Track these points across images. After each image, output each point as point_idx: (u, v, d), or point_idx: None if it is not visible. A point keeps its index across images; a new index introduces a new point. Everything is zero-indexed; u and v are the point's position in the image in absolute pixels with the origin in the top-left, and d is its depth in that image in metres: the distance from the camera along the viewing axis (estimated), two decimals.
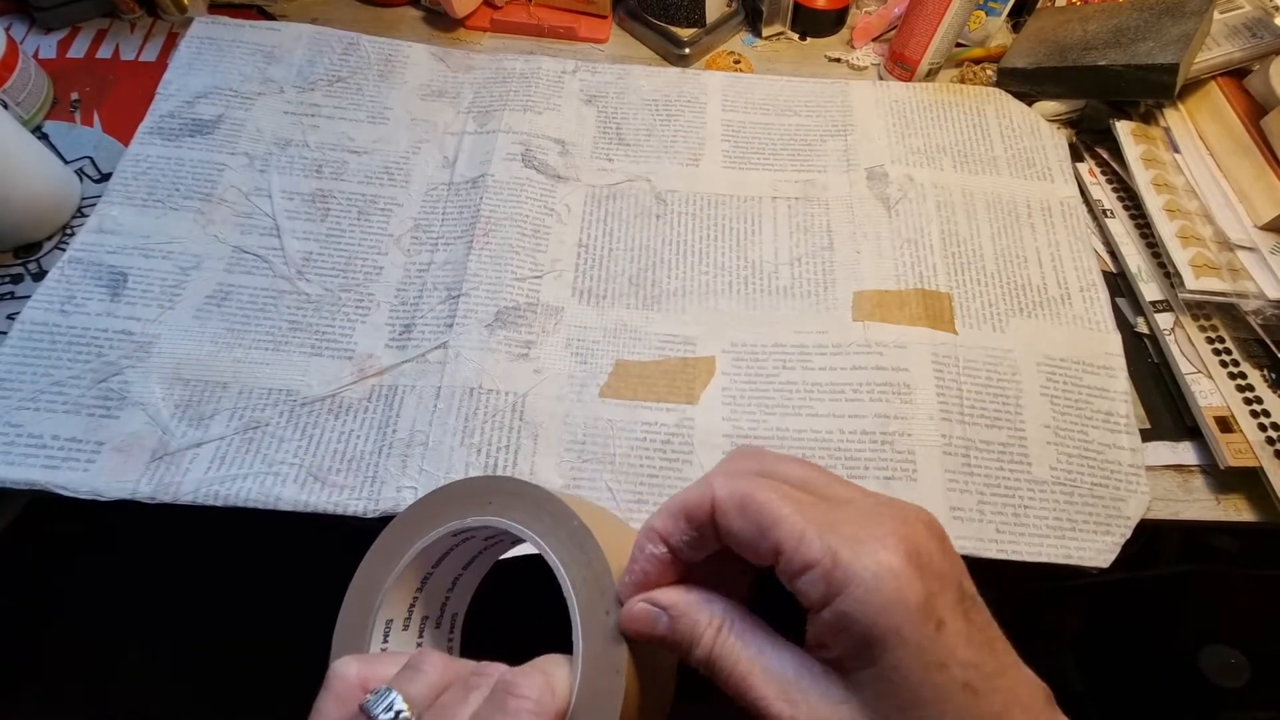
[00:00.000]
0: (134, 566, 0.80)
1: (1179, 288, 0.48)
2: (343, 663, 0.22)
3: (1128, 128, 0.55)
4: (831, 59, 0.64)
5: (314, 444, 0.43)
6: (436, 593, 0.28)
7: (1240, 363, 0.47)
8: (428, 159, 0.55)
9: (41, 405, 0.43)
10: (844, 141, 0.57)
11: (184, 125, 0.54)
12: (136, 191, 0.51)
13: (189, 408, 0.44)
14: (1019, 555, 0.42)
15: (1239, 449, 0.44)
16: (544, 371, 0.46)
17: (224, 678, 0.78)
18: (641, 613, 0.21)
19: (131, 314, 0.46)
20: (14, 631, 0.77)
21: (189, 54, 0.57)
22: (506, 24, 0.63)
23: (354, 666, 0.22)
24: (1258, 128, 0.51)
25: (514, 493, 0.25)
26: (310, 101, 0.56)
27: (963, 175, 0.56)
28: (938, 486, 0.43)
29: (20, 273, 0.48)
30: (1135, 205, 0.53)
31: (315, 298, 0.48)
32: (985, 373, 0.47)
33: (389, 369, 0.46)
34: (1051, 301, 0.50)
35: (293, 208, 0.52)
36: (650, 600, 0.21)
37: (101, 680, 0.78)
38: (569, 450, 0.44)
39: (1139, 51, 0.53)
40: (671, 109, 0.58)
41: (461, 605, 0.30)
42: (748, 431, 0.45)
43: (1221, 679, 0.70)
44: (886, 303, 0.49)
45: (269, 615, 0.78)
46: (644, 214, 0.53)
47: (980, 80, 0.61)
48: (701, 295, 0.50)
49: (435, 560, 0.27)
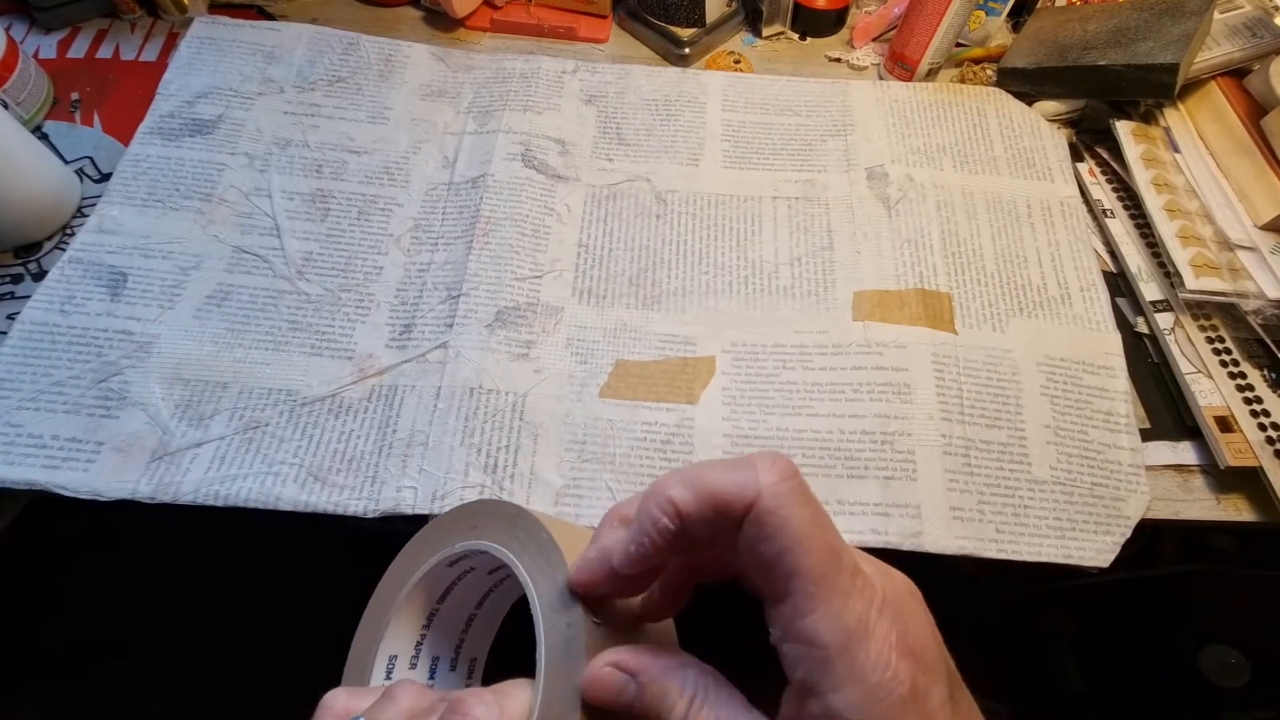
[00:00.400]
0: (134, 566, 0.80)
1: (1179, 287, 0.48)
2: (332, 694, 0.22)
3: (1128, 128, 0.55)
4: (831, 59, 0.64)
5: (314, 444, 0.43)
6: (449, 632, 0.28)
7: (1240, 363, 0.47)
8: (428, 159, 0.55)
9: (41, 405, 0.43)
10: (844, 141, 0.57)
11: (184, 125, 0.54)
12: (136, 191, 0.51)
13: (189, 408, 0.44)
14: (1019, 555, 0.42)
15: (1239, 449, 0.44)
16: (544, 371, 0.46)
17: (224, 678, 0.78)
18: (608, 678, 0.19)
19: (131, 314, 0.46)
20: (14, 631, 0.77)
21: (189, 54, 0.57)
22: (506, 24, 0.63)
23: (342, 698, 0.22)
24: (1258, 128, 0.51)
25: (491, 513, 0.25)
26: (310, 101, 0.56)
27: (963, 175, 0.56)
28: (938, 486, 0.43)
29: (20, 273, 0.48)
30: (1135, 205, 0.53)
31: (315, 298, 0.48)
32: (985, 373, 0.47)
33: (389, 369, 0.46)
34: (1051, 301, 0.50)
35: (293, 208, 0.52)
36: (617, 664, 0.19)
37: (101, 680, 0.78)
38: (569, 450, 0.44)
39: (1139, 51, 0.53)
40: (671, 109, 0.58)
41: (481, 649, 0.29)
42: (748, 431, 0.45)
43: (1221, 679, 0.71)
44: (886, 303, 0.49)
45: (269, 615, 0.78)
46: (644, 214, 0.53)
47: (980, 80, 0.61)
48: (701, 295, 0.50)
49: (439, 595, 0.27)
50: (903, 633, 0.17)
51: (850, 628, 0.17)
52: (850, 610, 0.17)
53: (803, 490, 0.18)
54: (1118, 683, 0.78)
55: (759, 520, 0.18)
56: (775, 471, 0.18)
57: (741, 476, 0.18)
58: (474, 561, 0.26)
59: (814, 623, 0.17)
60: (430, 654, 0.27)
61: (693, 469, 0.19)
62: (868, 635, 0.17)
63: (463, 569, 0.26)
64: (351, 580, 0.36)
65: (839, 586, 0.17)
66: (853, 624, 0.17)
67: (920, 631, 0.18)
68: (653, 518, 0.19)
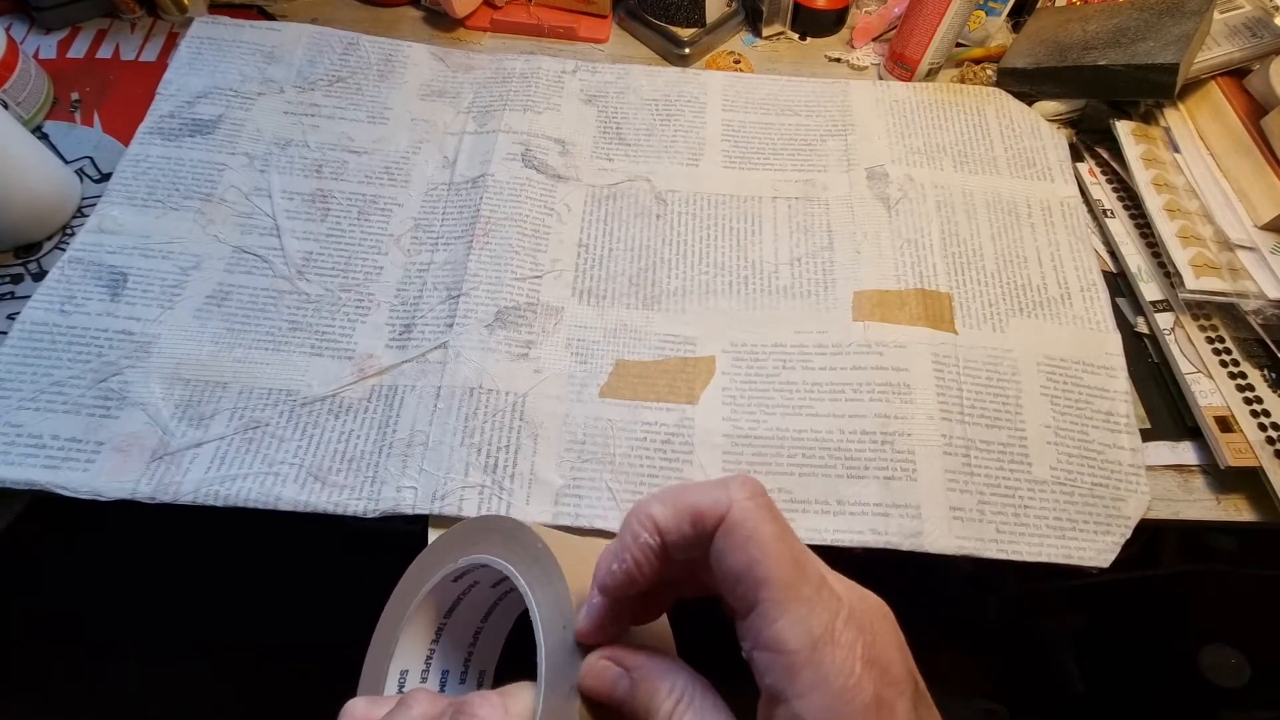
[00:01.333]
0: (134, 567, 0.80)
1: (1179, 287, 0.48)
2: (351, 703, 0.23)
3: (1128, 128, 0.55)
4: (831, 59, 0.64)
5: (314, 444, 0.43)
6: (457, 645, 0.28)
7: (1240, 362, 0.47)
8: (428, 159, 0.55)
9: (41, 405, 0.43)
10: (844, 141, 0.57)
11: (184, 125, 0.54)
12: (136, 191, 0.51)
13: (189, 408, 0.44)
14: (1019, 555, 0.42)
15: (1239, 449, 0.44)
16: (544, 371, 0.46)
17: (224, 678, 0.77)
18: (603, 670, 0.20)
19: (131, 314, 0.46)
20: (13, 632, 0.77)
21: (189, 54, 0.58)
22: (506, 24, 0.63)
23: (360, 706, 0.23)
24: (1258, 128, 0.51)
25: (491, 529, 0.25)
26: (310, 101, 0.56)
27: (963, 175, 0.56)
28: (938, 486, 0.43)
29: (20, 273, 0.48)
30: (1135, 205, 0.53)
31: (315, 298, 0.48)
32: (985, 373, 0.47)
33: (389, 369, 0.46)
34: (1051, 301, 0.50)
35: (293, 208, 0.52)
36: (613, 658, 0.21)
37: (101, 681, 0.78)
38: (569, 450, 0.44)
39: (1139, 51, 0.53)
40: (671, 109, 0.58)
41: (490, 661, 0.29)
42: (748, 431, 0.45)
43: (1221, 679, 0.71)
44: (886, 302, 0.49)
45: (269, 615, 0.78)
46: (644, 214, 0.53)
47: (980, 80, 0.61)
48: (701, 295, 0.50)
49: (445, 610, 0.27)
50: (869, 644, 0.18)
51: (816, 634, 0.17)
52: (816, 618, 0.18)
53: (770, 507, 0.19)
54: (1118, 683, 0.78)
55: (729, 531, 0.19)
56: (745, 489, 0.19)
57: (715, 493, 0.20)
58: (477, 575, 0.26)
59: (781, 629, 0.18)
60: (440, 667, 0.27)
61: (670, 488, 0.21)
62: (833, 643, 0.17)
63: (467, 583, 0.27)
64: (351, 580, 0.36)
65: (804, 596, 0.18)
66: (818, 631, 0.18)
67: (887, 647, 0.18)
68: (634, 533, 0.20)
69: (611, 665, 0.20)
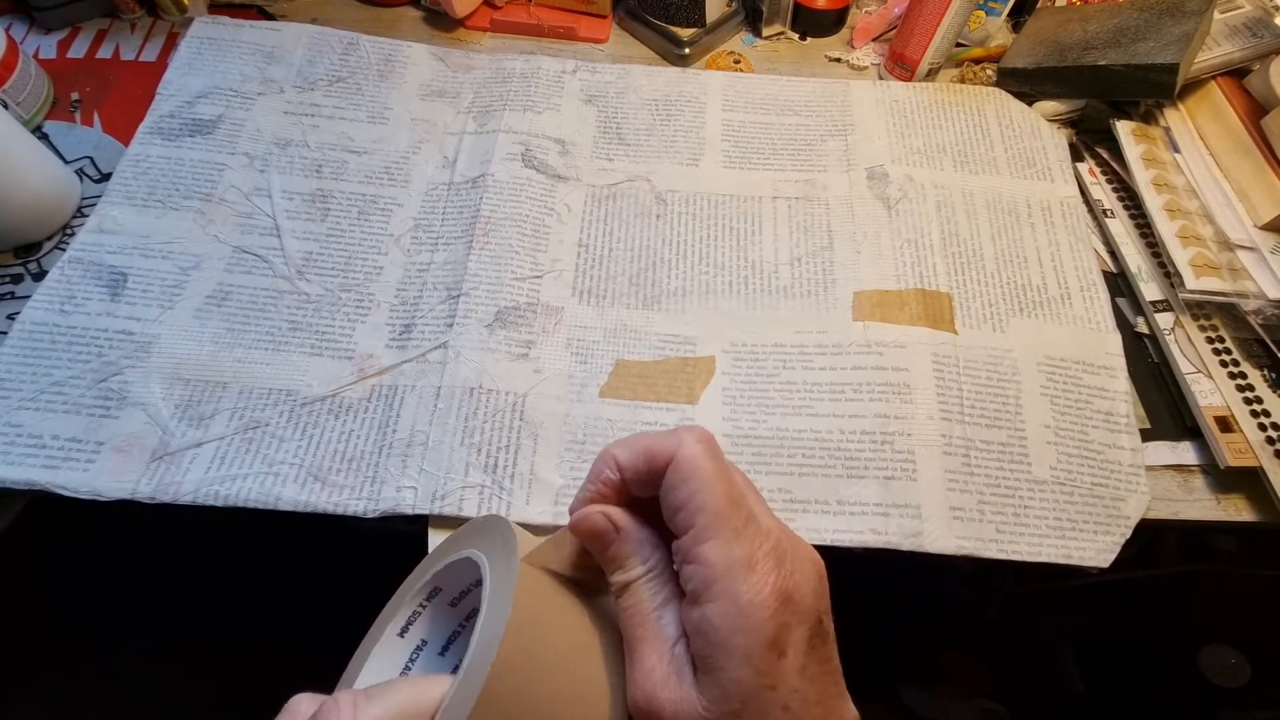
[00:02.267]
0: (134, 566, 0.80)
1: (1179, 287, 0.48)
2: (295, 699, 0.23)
3: (1128, 128, 0.55)
4: (831, 59, 0.64)
5: (314, 444, 0.43)
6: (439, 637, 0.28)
7: (1240, 363, 0.47)
8: (428, 159, 0.55)
9: (41, 405, 0.43)
10: (844, 141, 0.57)
11: (184, 125, 0.54)
12: (136, 191, 0.51)
13: (189, 408, 0.44)
14: (1019, 555, 0.42)
15: (1239, 449, 0.44)
16: (544, 371, 0.46)
17: (224, 678, 0.77)
18: (598, 518, 0.23)
19: (131, 314, 0.46)
20: (13, 632, 0.77)
21: (189, 54, 0.57)
22: (506, 24, 0.63)
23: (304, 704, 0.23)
24: (1258, 128, 0.51)
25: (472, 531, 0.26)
26: (310, 101, 0.56)
27: (963, 175, 0.56)
28: (938, 486, 0.43)
29: (20, 273, 0.48)
30: (1135, 205, 0.53)
31: (315, 298, 0.48)
32: (985, 373, 0.47)
33: (389, 369, 0.46)
34: (1051, 301, 0.50)
35: (293, 208, 0.52)
36: (608, 515, 0.23)
37: (101, 680, 0.78)
38: (569, 450, 0.44)
39: (1139, 51, 0.53)
40: (671, 109, 0.58)
41: None
42: (748, 431, 0.45)
43: (1221, 679, 0.71)
44: (886, 303, 0.49)
45: (269, 615, 0.78)
46: (644, 214, 0.53)
47: (980, 80, 0.61)
48: (701, 295, 0.50)
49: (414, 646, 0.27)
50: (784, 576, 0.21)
51: (734, 557, 0.20)
52: (739, 544, 0.21)
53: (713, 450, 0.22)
54: (1118, 683, 0.78)
55: (676, 468, 0.22)
56: (694, 434, 0.23)
57: (668, 438, 0.23)
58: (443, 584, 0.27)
59: (707, 549, 0.21)
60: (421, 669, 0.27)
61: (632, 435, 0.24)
62: (750, 568, 0.20)
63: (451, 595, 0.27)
64: (351, 580, 0.36)
65: (733, 525, 0.21)
66: (738, 554, 0.21)
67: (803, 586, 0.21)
68: (598, 469, 0.24)
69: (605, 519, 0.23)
